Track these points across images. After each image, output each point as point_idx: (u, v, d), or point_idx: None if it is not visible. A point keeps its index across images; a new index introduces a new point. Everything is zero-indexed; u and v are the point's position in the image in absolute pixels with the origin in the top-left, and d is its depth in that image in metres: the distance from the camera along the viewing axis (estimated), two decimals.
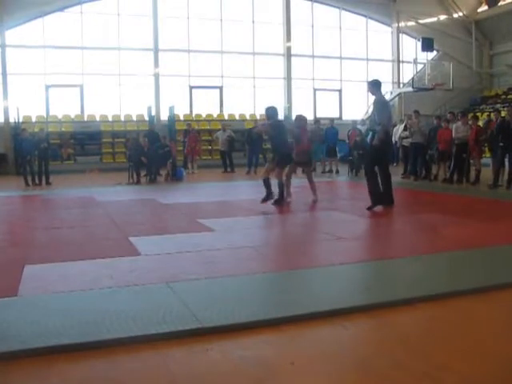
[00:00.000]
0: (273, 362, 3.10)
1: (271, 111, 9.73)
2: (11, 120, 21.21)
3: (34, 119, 21.86)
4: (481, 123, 14.82)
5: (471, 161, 13.60)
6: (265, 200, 9.26)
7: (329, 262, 5.30)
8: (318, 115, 24.35)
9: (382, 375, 2.92)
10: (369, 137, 14.77)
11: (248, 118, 24.11)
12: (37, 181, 15.69)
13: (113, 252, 5.92)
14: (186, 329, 3.50)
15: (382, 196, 8.94)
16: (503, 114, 15.56)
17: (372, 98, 9.63)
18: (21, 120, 20.88)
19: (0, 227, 8.41)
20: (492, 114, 15.56)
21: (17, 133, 18.08)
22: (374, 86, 9.23)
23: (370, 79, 9.73)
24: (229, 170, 19.64)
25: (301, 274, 4.92)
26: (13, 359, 3.13)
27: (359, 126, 19.39)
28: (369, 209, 8.75)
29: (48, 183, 15.71)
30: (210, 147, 23.06)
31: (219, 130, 20.95)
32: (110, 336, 3.39)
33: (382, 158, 9.19)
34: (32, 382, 2.92)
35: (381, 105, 9.21)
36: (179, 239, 6.67)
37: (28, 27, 22.14)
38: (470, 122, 13.78)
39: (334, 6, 26.28)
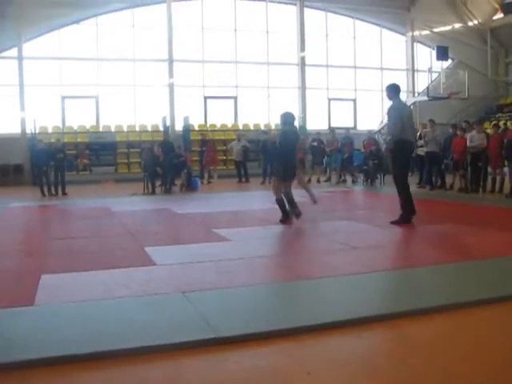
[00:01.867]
0: (289, 372, 3.07)
1: (287, 117, 8.95)
2: (28, 131, 21.44)
3: (50, 130, 22.08)
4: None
5: (496, 170, 13.38)
6: (283, 221, 8.66)
7: (344, 271, 5.27)
8: (333, 125, 24.33)
9: None
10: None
11: (263, 127, 24.12)
12: (53, 191, 15.80)
13: (128, 262, 5.94)
14: (201, 339, 3.49)
15: (411, 214, 8.38)
16: None
17: (387, 104, 9.27)
18: (37, 131, 21.11)
19: (17, 237, 8.48)
20: (509, 123, 15.43)
21: (33, 143, 18.25)
22: (392, 90, 8.81)
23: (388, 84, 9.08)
24: (243, 180, 19.66)
25: (316, 284, 4.89)
26: (29, 368, 3.14)
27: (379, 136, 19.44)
28: (393, 223, 8.30)
29: (64, 193, 15.81)
30: (224, 157, 23.12)
31: (234, 139, 21.01)
32: (126, 346, 3.39)
33: (404, 167, 8.67)
34: None
35: (393, 111, 8.57)
36: (194, 249, 6.67)
37: (44, 39, 22.42)
38: (489, 131, 13.64)
39: (348, 16, 26.31)
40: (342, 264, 5.72)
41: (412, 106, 25.87)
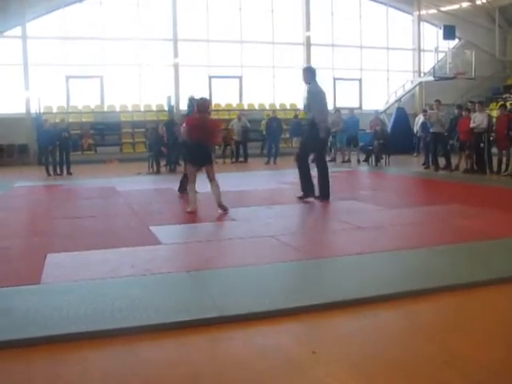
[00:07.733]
0: (294, 350, 3.09)
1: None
2: (32, 111, 21.39)
3: (54, 110, 21.98)
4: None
5: (503, 151, 13.26)
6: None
7: (349, 251, 5.28)
8: (338, 105, 24.19)
9: (403, 365, 2.91)
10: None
11: (267, 107, 24.03)
12: (58, 171, 15.81)
13: (133, 241, 5.95)
14: (206, 317, 3.51)
15: (312, 187, 8.84)
16: None
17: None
18: (42, 111, 21.05)
19: (23, 216, 8.52)
20: None
21: (38, 123, 18.23)
22: (309, 73, 8.84)
23: (306, 66, 9.23)
24: (241, 160, 19.43)
25: (321, 264, 4.90)
26: (35, 346, 3.17)
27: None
28: (300, 198, 8.76)
29: (69, 173, 15.83)
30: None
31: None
32: (131, 324, 3.42)
33: (320, 148, 9.17)
34: (54, 369, 2.95)
35: (316, 96, 8.77)
36: (199, 228, 6.69)
37: (48, 19, 22.26)
38: (495, 112, 13.54)
39: None
40: (346, 244, 5.73)
41: (418, 87, 25.75)
